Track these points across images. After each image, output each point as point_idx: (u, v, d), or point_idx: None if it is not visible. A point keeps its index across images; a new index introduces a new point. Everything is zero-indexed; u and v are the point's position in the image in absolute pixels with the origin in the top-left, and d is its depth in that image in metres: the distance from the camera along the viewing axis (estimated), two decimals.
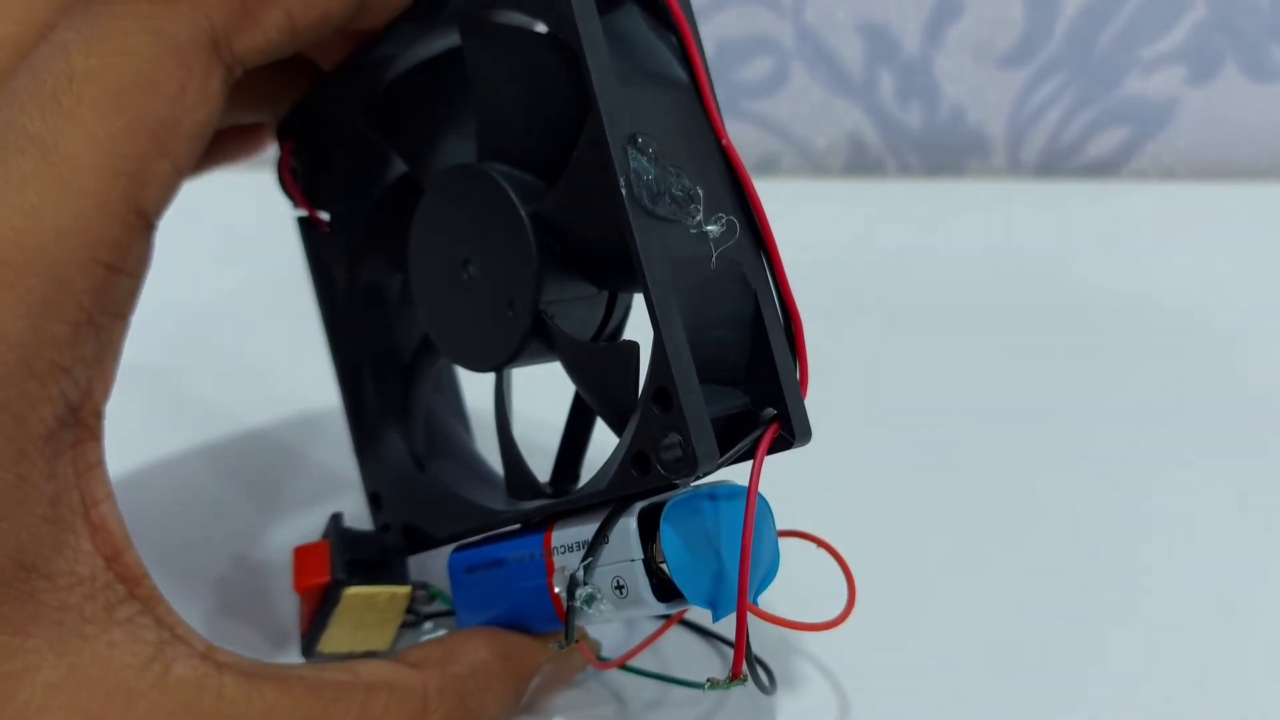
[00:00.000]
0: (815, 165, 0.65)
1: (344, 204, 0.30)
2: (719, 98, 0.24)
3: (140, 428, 0.38)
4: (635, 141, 0.21)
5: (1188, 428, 0.38)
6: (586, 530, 0.23)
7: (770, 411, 0.22)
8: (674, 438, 0.20)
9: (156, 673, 0.20)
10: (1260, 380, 0.40)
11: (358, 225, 0.30)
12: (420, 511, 0.28)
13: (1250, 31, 0.60)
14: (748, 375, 0.22)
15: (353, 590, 0.26)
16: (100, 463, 0.21)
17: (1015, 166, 0.64)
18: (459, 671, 0.24)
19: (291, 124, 0.29)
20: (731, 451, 0.21)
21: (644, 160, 0.21)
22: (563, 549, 0.23)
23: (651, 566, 0.22)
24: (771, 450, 0.22)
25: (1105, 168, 0.64)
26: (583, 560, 0.22)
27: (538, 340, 0.24)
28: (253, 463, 0.38)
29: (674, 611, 0.23)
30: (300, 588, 0.26)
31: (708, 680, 0.22)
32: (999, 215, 0.58)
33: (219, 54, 0.22)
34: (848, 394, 0.39)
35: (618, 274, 0.24)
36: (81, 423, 0.20)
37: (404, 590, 0.27)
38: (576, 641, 0.23)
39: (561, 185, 0.23)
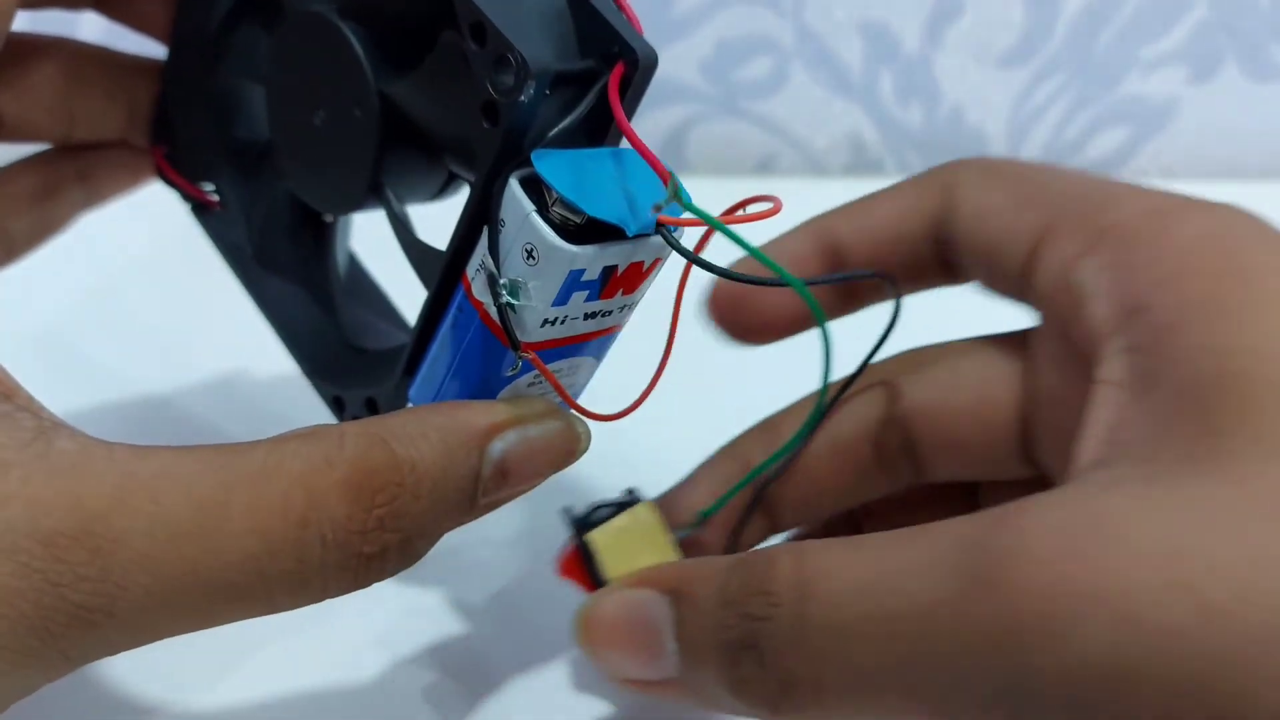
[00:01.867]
0: (815, 165, 0.64)
1: (228, 170, 0.31)
2: (716, 97, 0.24)
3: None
4: None
5: None
6: (486, 239, 0.22)
7: (614, 50, 0.21)
8: (504, 62, 0.20)
9: (37, 449, 0.19)
10: None
11: (247, 183, 0.31)
12: (371, 380, 0.27)
13: (1250, 31, 0.60)
14: (581, 43, 0.22)
15: (594, 534, 0.26)
16: None
17: None
18: (387, 420, 0.21)
19: (158, 127, 0.31)
20: (588, 96, 0.21)
21: None
22: (476, 275, 0.22)
23: (549, 216, 0.21)
24: (626, 85, 0.21)
25: (1105, 167, 0.64)
26: (489, 253, 0.21)
27: (401, 139, 0.24)
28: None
29: (602, 261, 0.21)
30: (562, 573, 0.26)
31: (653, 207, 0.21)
32: None
33: None
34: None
35: (439, 26, 0.24)
36: None
37: (643, 507, 0.26)
38: (526, 355, 0.22)
39: (420, 72, 0.24)
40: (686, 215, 0.21)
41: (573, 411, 0.24)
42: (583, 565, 0.26)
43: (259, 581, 0.19)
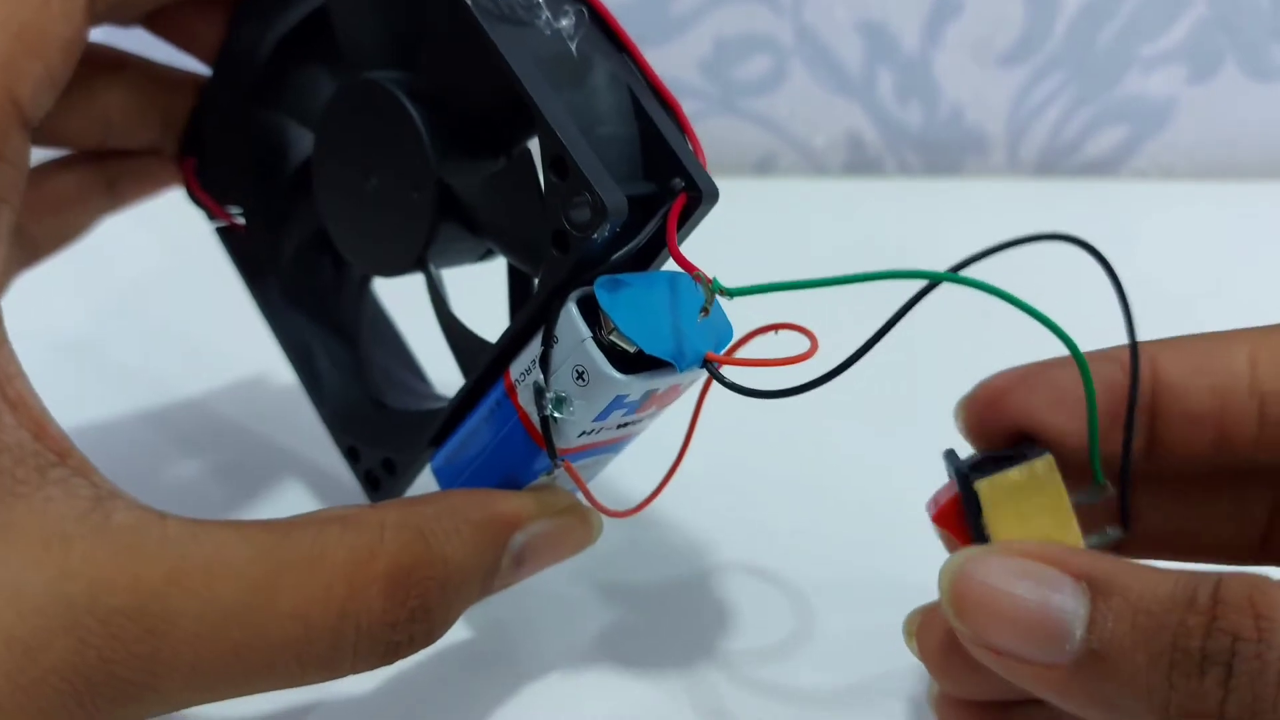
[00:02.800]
0: (814, 164, 0.64)
1: (257, 197, 0.31)
2: (715, 96, 0.24)
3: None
4: None
5: None
6: (537, 347, 0.23)
7: (678, 182, 0.22)
8: (580, 197, 0.21)
9: (96, 521, 0.19)
10: None
11: (276, 212, 0.30)
12: (392, 442, 0.28)
13: (1250, 31, 0.60)
14: (646, 165, 0.23)
15: (983, 483, 0.22)
16: (5, 340, 0.21)
17: (1015, 165, 0.64)
18: (423, 510, 0.23)
19: (188, 141, 0.31)
20: (650, 224, 0.22)
21: None
22: (522, 378, 0.23)
23: (603, 342, 0.22)
24: (685, 216, 0.22)
25: (1105, 166, 0.64)
26: (539, 366, 0.22)
27: (452, 220, 0.25)
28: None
29: (646, 387, 0.22)
30: (936, 519, 0.24)
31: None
32: (998, 214, 0.58)
33: None
34: (848, 394, 0.39)
35: (509, 125, 0.25)
36: None
37: (1041, 463, 0.22)
38: (562, 463, 0.23)
39: (423, 54, 0.24)
40: (736, 355, 0.22)
41: (588, 504, 0.25)
42: (962, 515, 0.23)
43: (295, 663, 0.20)
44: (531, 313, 0.23)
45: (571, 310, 0.22)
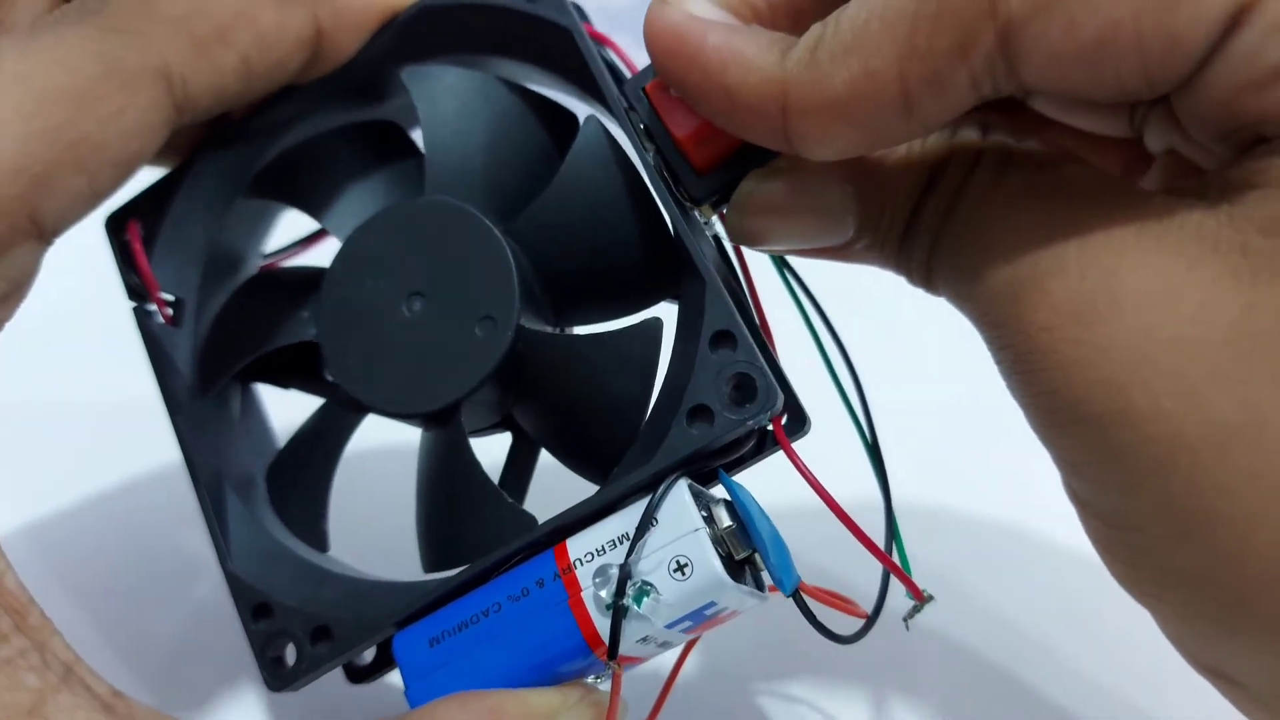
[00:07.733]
0: None
1: (196, 290, 0.27)
2: None
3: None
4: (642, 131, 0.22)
5: None
6: (618, 526, 0.20)
7: (778, 407, 0.21)
8: (748, 384, 0.20)
9: None
10: None
11: (211, 315, 0.27)
12: (342, 604, 0.24)
13: None
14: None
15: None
16: None
17: None
18: None
19: (143, 203, 0.26)
20: (753, 438, 0.22)
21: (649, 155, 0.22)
22: (587, 558, 0.21)
23: (716, 536, 0.20)
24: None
25: None
26: (625, 547, 0.20)
27: (507, 371, 0.23)
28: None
29: (736, 600, 0.20)
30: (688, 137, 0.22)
31: (905, 618, 0.22)
32: None
33: (170, 90, 0.21)
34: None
35: (574, 303, 0.24)
36: None
37: None
38: (616, 665, 0.20)
39: (541, 201, 0.23)
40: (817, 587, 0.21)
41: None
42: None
43: None
44: (622, 492, 0.21)
45: (684, 494, 0.20)
